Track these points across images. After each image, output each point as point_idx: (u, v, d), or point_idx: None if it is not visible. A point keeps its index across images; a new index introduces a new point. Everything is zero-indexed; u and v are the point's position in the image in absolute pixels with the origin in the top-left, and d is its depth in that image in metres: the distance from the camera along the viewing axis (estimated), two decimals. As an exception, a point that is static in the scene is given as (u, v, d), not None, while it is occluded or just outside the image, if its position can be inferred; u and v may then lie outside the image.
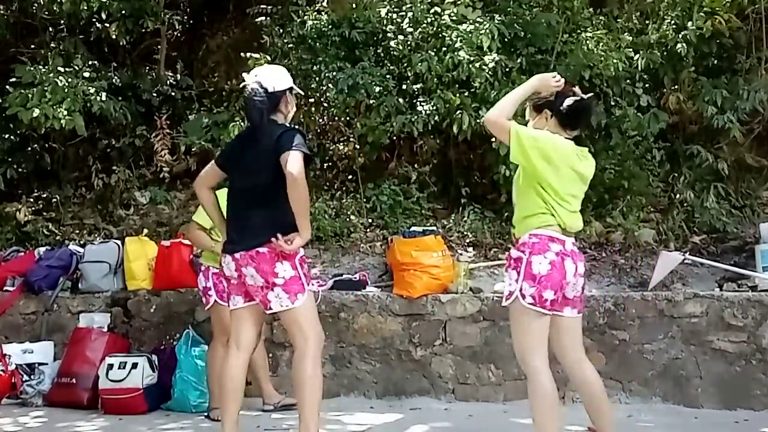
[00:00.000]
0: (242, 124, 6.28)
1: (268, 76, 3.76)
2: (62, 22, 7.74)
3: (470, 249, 6.22)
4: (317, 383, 3.62)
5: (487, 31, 6.32)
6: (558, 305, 3.34)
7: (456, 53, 6.27)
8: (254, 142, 3.72)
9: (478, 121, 6.32)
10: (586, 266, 3.44)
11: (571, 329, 3.47)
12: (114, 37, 7.93)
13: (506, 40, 6.58)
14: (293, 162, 3.47)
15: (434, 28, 6.61)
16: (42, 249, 6.19)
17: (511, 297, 3.32)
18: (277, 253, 3.56)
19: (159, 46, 8.36)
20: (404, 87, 6.63)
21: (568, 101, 3.43)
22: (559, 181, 3.32)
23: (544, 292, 3.23)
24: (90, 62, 7.40)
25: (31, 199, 7.42)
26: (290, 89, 3.84)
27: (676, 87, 6.76)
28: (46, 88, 6.37)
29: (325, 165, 7.18)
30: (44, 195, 7.54)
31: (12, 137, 7.49)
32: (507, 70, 6.50)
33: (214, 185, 3.92)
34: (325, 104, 7.17)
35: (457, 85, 6.50)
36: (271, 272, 3.58)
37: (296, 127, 3.80)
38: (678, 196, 6.63)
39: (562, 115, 3.43)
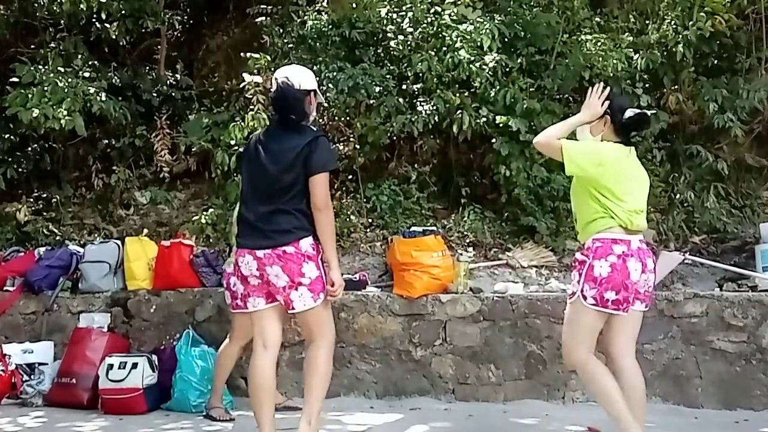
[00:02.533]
0: (242, 123, 6.28)
1: (296, 74, 3.81)
2: (62, 22, 7.74)
3: (470, 249, 6.22)
4: (328, 375, 3.78)
5: (487, 31, 6.32)
6: (626, 303, 3.49)
7: (456, 53, 6.27)
8: (279, 140, 3.73)
9: (478, 121, 6.32)
10: (654, 261, 3.61)
11: (634, 322, 3.63)
12: (114, 37, 7.95)
13: (506, 40, 6.58)
14: (320, 191, 3.63)
15: (434, 28, 6.61)
16: (42, 249, 6.18)
17: (573, 296, 3.57)
18: (303, 252, 3.62)
19: (159, 46, 8.36)
20: (404, 87, 6.63)
21: (630, 113, 3.65)
22: (614, 183, 3.51)
23: (606, 293, 3.45)
24: (90, 62, 7.40)
25: (31, 199, 7.42)
26: (314, 91, 3.87)
27: (676, 87, 6.76)
28: (46, 88, 6.37)
29: (325, 165, 7.16)
30: (44, 195, 7.55)
31: (12, 137, 7.49)
32: (507, 70, 6.51)
33: None
34: (325, 104, 7.16)
35: (457, 85, 6.50)
36: (298, 272, 3.62)
37: (322, 132, 3.84)
38: (678, 196, 6.64)
39: (622, 125, 3.65)
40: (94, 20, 7.77)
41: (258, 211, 3.70)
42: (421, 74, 6.42)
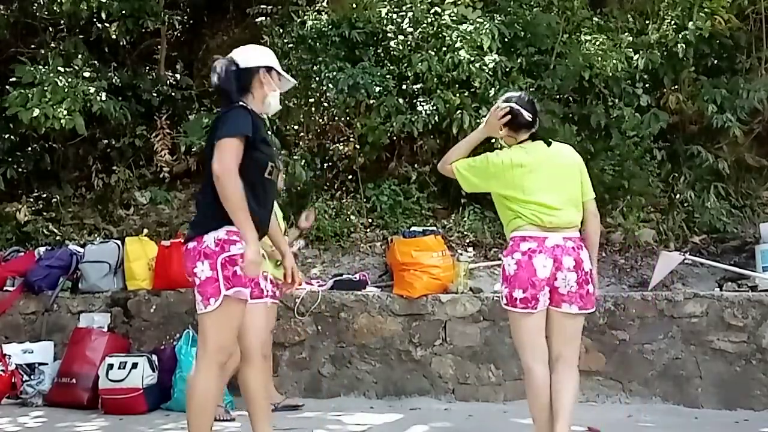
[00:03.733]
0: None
1: (242, 52, 3.36)
2: (62, 22, 7.75)
3: (470, 249, 6.22)
4: (199, 404, 3.16)
5: (487, 31, 6.32)
6: (534, 301, 3.34)
7: (456, 53, 6.28)
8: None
9: (478, 121, 6.31)
10: (579, 259, 3.38)
11: (562, 325, 3.41)
12: (114, 37, 7.95)
13: (506, 40, 6.58)
14: (216, 156, 3.03)
15: (434, 28, 6.62)
16: (42, 249, 6.18)
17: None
18: (201, 249, 3.10)
19: (159, 46, 8.36)
20: (404, 87, 6.63)
21: (495, 107, 3.61)
22: (512, 189, 3.45)
23: (514, 291, 3.36)
24: (90, 62, 7.41)
25: (31, 199, 7.43)
26: (268, 68, 3.33)
27: (676, 87, 6.77)
28: (46, 88, 6.37)
29: (325, 165, 7.18)
30: (44, 195, 7.55)
31: (12, 137, 7.49)
32: (507, 70, 6.51)
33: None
34: (325, 104, 7.16)
35: (457, 85, 6.50)
36: (191, 271, 3.19)
37: (239, 105, 3.18)
38: (678, 196, 6.64)
39: (505, 125, 3.56)
40: (94, 20, 7.77)
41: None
42: (421, 74, 6.42)
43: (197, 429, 3.10)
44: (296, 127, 7.22)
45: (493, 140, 4.12)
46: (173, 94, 8.03)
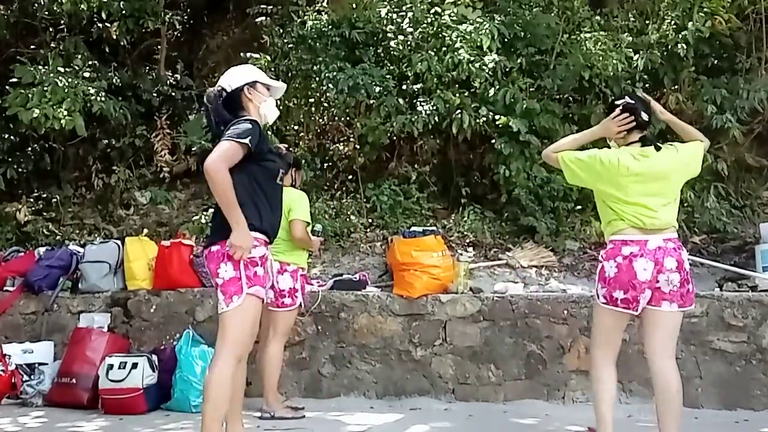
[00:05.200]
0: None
1: (226, 77, 3.61)
2: (62, 22, 7.76)
3: (470, 249, 6.22)
4: (216, 399, 3.38)
5: (487, 31, 6.32)
6: (635, 302, 3.48)
7: (456, 53, 6.28)
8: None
9: (477, 121, 6.32)
10: (680, 259, 3.51)
11: (665, 322, 3.56)
12: (114, 37, 7.96)
13: (506, 40, 6.58)
14: (211, 154, 3.30)
15: (434, 28, 6.62)
16: (42, 249, 6.19)
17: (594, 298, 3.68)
18: (225, 252, 3.38)
19: (159, 46, 8.37)
20: (404, 87, 6.64)
21: (616, 111, 3.63)
22: (616, 187, 3.53)
23: (614, 292, 3.49)
24: (90, 62, 7.42)
25: (31, 199, 7.44)
26: (251, 84, 3.57)
27: (676, 87, 6.76)
28: (46, 89, 6.38)
29: (325, 165, 7.18)
30: (44, 195, 7.56)
31: (12, 137, 7.50)
32: (507, 70, 6.52)
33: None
34: (325, 104, 7.17)
35: (457, 85, 6.51)
36: (214, 272, 3.47)
37: (247, 117, 3.47)
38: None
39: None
40: (94, 20, 7.79)
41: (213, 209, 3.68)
42: (421, 74, 6.42)
43: (211, 418, 3.30)
44: (296, 127, 7.22)
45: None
46: (173, 94, 8.03)
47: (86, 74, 6.91)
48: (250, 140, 3.32)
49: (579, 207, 6.52)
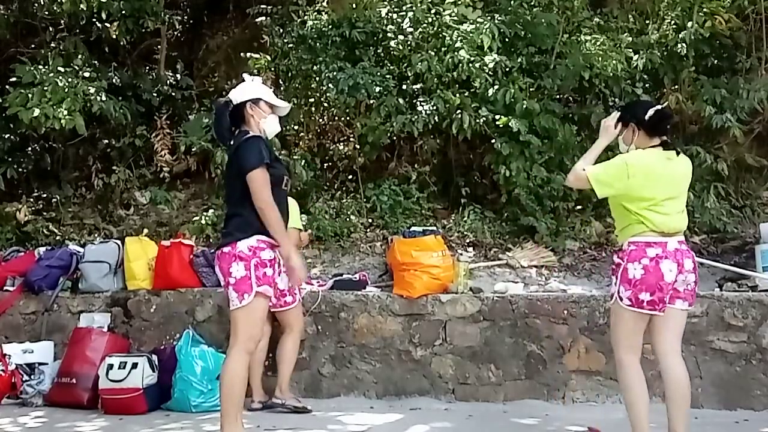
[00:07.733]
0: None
1: (233, 93, 3.92)
2: (62, 22, 7.76)
3: (470, 249, 6.22)
4: (232, 386, 3.71)
5: (488, 31, 6.32)
6: (661, 303, 3.54)
7: (456, 53, 6.28)
8: (230, 148, 3.93)
9: (477, 121, 6.32)
10: (695, 260, 3.65)
11: (675, 319, 3.65)
12: (114, 37, 7.95)
13: (506, 40, 6.58)
14: (253, 189, 3.65)
15: (434, 28, 6.62)
16: (42, 249, 6.18)
17: (612, 299, 3.69)
18: (236, 253, 3.72)
19: (159, 46, 8.37)
20: (404, 87, 6.64)
21: (651, 111, 3.71)
22: (644, 191, 3.57)
23: (640, 294, 3.52)
24: (90, 62, 7.41)
25: (31, 199, 7.44)
26: (254, 101, 3.88)
27: (676, 87, 6.76)
28: (46, 88, 6.38)
29: (325, 165, 7.18)
30: (44, 195, 7.56)
31: (12, 137, 7.50)
32: (507, 70, 6.51)
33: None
34: (325, 104, 7.17)
35: (457, 85, 6.51)
36: (227, 272, 3.76)
37: (252, 135, 3.80)
38: (678, 196, 6.62)
39: (646, 124, 3.70)
40: (94, 20, 7.78)
41: (225, 214, 3.98)
42: (421, 74, 6.42)
43: (228, 408, 3.61)
44: (296, 127, 7.22)
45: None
46: (173, 94, 8.03)
47: (86, 74, 6.90)
48: (267, 157, 3.70)
49: (579, 207, 6.52)
